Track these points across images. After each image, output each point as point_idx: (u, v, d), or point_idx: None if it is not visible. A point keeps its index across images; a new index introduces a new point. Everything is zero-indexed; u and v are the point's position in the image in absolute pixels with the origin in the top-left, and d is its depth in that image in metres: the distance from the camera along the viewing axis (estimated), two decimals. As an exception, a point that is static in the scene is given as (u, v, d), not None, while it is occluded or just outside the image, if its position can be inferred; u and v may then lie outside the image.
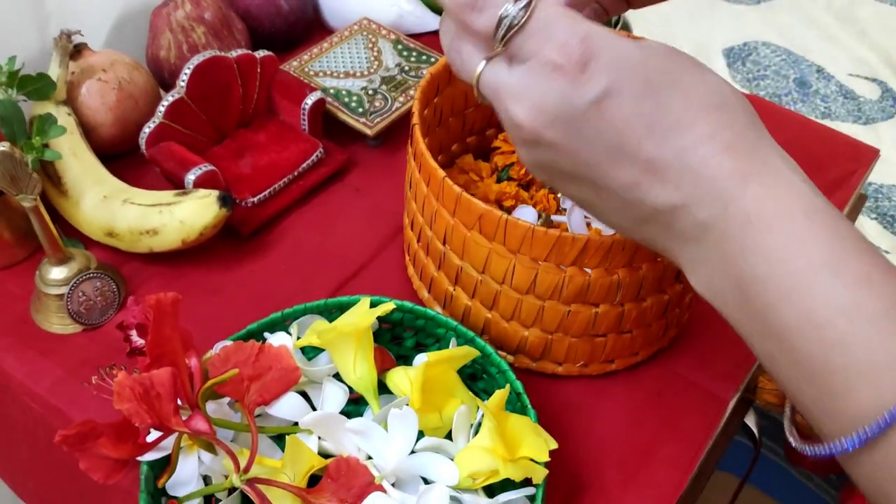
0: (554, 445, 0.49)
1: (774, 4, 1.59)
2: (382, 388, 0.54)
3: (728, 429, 0.61)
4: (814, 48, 1.44)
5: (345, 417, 0.51)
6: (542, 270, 0.52)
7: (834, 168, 0.77)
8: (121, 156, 0.73)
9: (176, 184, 0.67)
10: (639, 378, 0.61)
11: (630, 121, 0.36)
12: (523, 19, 0.37)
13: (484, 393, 0.58)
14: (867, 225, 1.16)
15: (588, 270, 0.52)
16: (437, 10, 0.92)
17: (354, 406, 0.55)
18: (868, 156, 0.78)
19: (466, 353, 0.54)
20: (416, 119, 0.57)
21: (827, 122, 1.28)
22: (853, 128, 1.27)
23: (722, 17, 1.65)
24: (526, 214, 0.59)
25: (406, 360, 0.60)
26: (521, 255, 0.52)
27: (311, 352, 0.57)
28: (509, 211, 0.65)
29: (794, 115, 0.83)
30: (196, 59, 0.67)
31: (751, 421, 0.68)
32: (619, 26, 0.82)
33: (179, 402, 0.47)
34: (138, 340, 0.50)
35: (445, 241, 0.57)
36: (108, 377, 0.49)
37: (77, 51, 0.70)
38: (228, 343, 0.54)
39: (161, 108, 0.67)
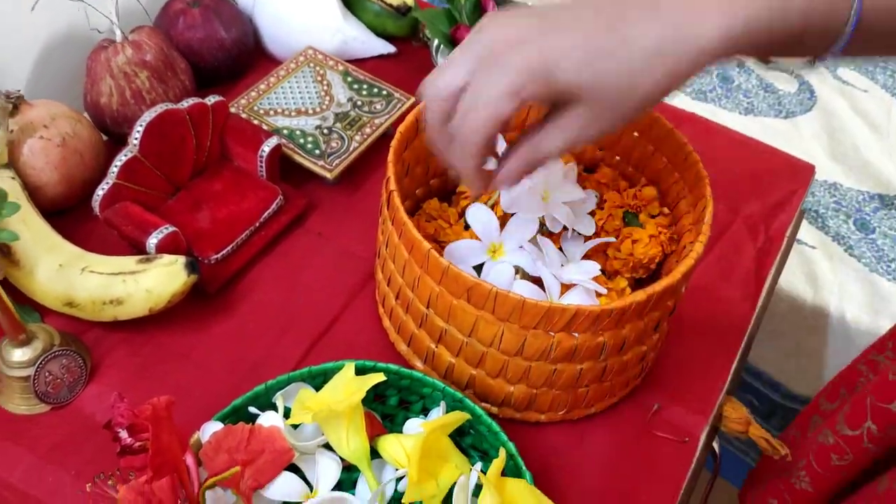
0: (549, 504, 0.50)
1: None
2: (373, 452, 0.55)
3: (700, 460, 0.63)
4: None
5: (346, 496, 0.51)
6: (531, 336, 0.53)
7: (776, 189, 0.80)
8: (66, 211, 0.70)
9: (135, 246, 0.65)
10: (616, 418, 0.63)
11: None
12: None
13: (473, 449, 0.59)
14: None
15: (576, 335, 0.53)
16: (381, 34, 0.91)
17: (346, 473, 0.55)
18: (806, 174, 0.82)
19: (458, 419, 0.55)
20: (392, 185, 0.56)
21: (751, 118, 1.32)
22: (775, 122, 1.31)
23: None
24: (502, 271, 0.59)
25: (391, 419, 0.61)
26: (510, 324, 0.53)
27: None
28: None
29: (737, 134, 0.86)
30: (147, 116, 0.64)
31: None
32: None
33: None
34: (128, 439, 0.48)
35: (429, 304, 0.57)
36: (102, 483, 0.47)
37: (14, 106, 0.66)
38: (217, 425, 0.53)
39: (114, 169, 0.64)
